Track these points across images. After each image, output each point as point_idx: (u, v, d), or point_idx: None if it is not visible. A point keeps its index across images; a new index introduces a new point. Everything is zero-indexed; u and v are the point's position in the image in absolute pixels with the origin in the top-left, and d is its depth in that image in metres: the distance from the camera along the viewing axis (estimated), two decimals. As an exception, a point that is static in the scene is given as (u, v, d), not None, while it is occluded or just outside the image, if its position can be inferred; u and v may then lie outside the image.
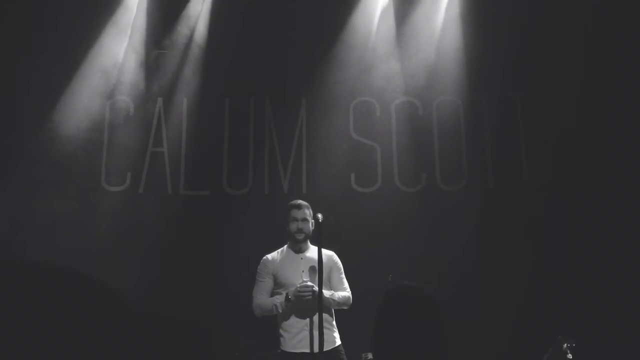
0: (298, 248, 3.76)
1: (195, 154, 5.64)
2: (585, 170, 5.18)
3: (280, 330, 3.69)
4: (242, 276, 4.29)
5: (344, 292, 3.73)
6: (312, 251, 3.79)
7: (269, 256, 3.83)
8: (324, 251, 3.75)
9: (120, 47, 5.70)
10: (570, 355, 3.66)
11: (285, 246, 3.85)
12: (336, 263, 3.82)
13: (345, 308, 3.75)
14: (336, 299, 3.64)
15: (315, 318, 3.44)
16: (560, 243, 5.04)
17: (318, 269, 3.44)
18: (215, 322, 4.73)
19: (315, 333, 3.46)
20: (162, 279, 5.04)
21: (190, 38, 5.80)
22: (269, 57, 5.65)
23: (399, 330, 1.62)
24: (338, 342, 3.69)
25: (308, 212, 3.78)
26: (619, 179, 5.10)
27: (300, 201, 3.85)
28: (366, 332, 1.81)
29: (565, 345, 3.70)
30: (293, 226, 3.72)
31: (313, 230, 3.71)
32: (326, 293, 3.54)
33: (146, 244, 5.14)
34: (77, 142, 5.48)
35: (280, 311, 3.60)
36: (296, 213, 3.76)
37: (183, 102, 5.75)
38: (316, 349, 3.48)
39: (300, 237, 3.71)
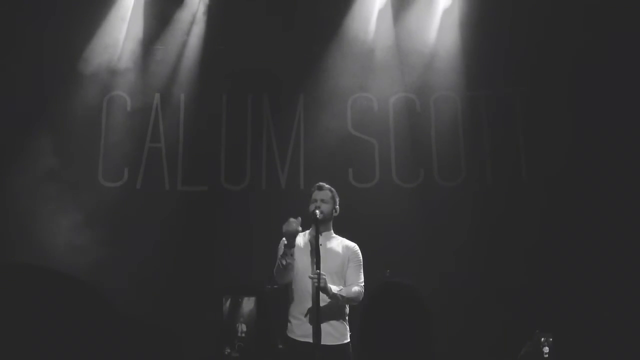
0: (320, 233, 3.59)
1: (193, 149, 5.63)
2: (583, 167, 5.18)
3: (289, 316, 3.63)
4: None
5: (355, 287, 3.56)
6: (333, 241, 3.71)
7: None
8: (346, 242, 3.72)
9: (118, 42, 5.68)
10: (546, 349, 3.69)
11: (308, 231, 3.71)
12: (355, 254, 3.69)
13: (355, 304, 3.56)
14: (344, 295, 3.49)
15: (323, 309, 3.38)
16: (557, 239, 5.04)
17: (316, 262, 3.41)
18: (214, 317, 4.73)
19: (322, 326, 3.44)
20: (159, 275, 5.04)
21: (188, 34, 5.79)
22: (267, 52, 5.63)
23: (383, 327, 1.62)
24: (346, 339, 3.56)
25: (330, 195, 3.70)
26: (618, 175, 5.09)
27: (323, 183, 3.76)
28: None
29: (542, 339, 3.73)
30: (311, 206, 3.62)
31: (323, 221, 3.60)
32: (334, 288, 3.46)
33: (144, 240, 5.13)
34: (74, 137, 5.46)
35: (284, 262, 3.47)
36: (316, 194, 3.69)
37: (180, 97, 5.74)
38: (322, 341, 3.45)
39: (320, 217, 3.54)
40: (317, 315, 3.33)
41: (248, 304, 4.55)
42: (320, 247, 3.49)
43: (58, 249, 4.94)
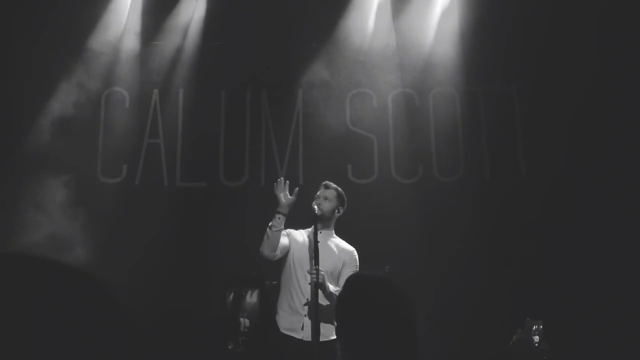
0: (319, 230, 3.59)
1: (192, 145, 5.62)
2: (582, 164, 5.18)
3: (278, 308, 3.65)
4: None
5: None
6: (332, 241, 3.71)
7: (295, 230, 3.75)
8: (344, 245, 3.75)
9: (116, 37, 5.66)
10: (537, 337, 3.71)
11: (309, 228, 3.73)
12: (352, 259, 3.69)
13: None
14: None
15: (315, 306, 3.37)
16: (556, 235, 5.05)
17: (315, 257, 3.41)
18: (212, 313, 4.74)
19: (308, 321, 3.45)
20: (158, 271, 5.04)
21: (186, 29, 5.77)
22: (266, 48, 5.62)
23: (353, 326, 1.54)
24: (333, 336, 3.50)
25: (335, 194, 3.73)
26: (617, 172, 5.10)
27: (331, 183, 3.80)
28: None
29: (533, 327, 3.75)
30: (313, 202, 3.66)
31: (322, 218, 3.62)
32: (332, 287, 3.47)
33: (142, 236, 5.12)
34: (73, 133, 5.45)
35: (270, 224, 3.51)
36: (321, 192, 3.75)
37: (179, 93, 5.72)
38: (305, 337, 3.45)
39: (317, 213, 3.58)
40: (316, 312, 3.34)
41: (251, 298, 4.55)
42: (318, 243, 3.50)
43: (57, 245, 4.93)
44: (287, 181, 3.66)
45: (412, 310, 1.55)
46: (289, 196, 3.59)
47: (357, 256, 3.74)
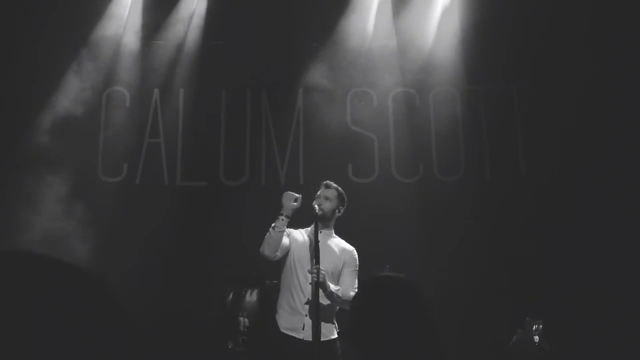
0: (319, 230, 3.60)
1: (192, 145, 5.62)
2: (582, 163, 5.18)
3: (278, 307, 3.66)
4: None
5: (351, 292, 3.47)
6: (332, 241, 3.73)
7: (295, 230, 3.77)
8: (344, 244, 3.76)
9: (116, 37, 5.67)
10: (537, 337, 3.72)
11: (308, 228, 3.75)
12: (352, 259, 3.71)
13: (347, 308, 3.49)
14: (341, 296, 3.47)
15: (316, 305, 3.37)
16: (555, 236, 5.05)
17: (316, 256, 3.41)
18: (212, 313, 4.74)
19: (308, 321, 3.45)
20: (158, 270, 5.05)
21: (187, 29, 5.77)
22: (266, 48, 5.62)
23: (377, 319, 1.55)
24: (334, 335, 3.60)
25: (335, 194, 3.74)
26: (617, 172, 5.10)
27: (331, 182, 3.81)
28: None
29: (533, 327, 3.76)
30: (314, 202, 3.67)
31: (323, 218, 3.63)
32: (332, 287, 3.47)
33: (143, 235, 5.13)
34: (73, 133, 5.46)
35: (273, 225, 3.53)
36: (322, 191, 3.76)
37: (179, 93, 5.72)
38: (306, 337, 3.45)
39: (318, 212, 3.59)
40: (317, 312, 3.34)
41: (251, 297, 4.55)
42: (318, 243, 3.50)
43: (56, 244, 4.94)
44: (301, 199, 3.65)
45: (431, 310, 1.57)
46: (293, 204, 3.60)
47: (357, 256, 3.75)
